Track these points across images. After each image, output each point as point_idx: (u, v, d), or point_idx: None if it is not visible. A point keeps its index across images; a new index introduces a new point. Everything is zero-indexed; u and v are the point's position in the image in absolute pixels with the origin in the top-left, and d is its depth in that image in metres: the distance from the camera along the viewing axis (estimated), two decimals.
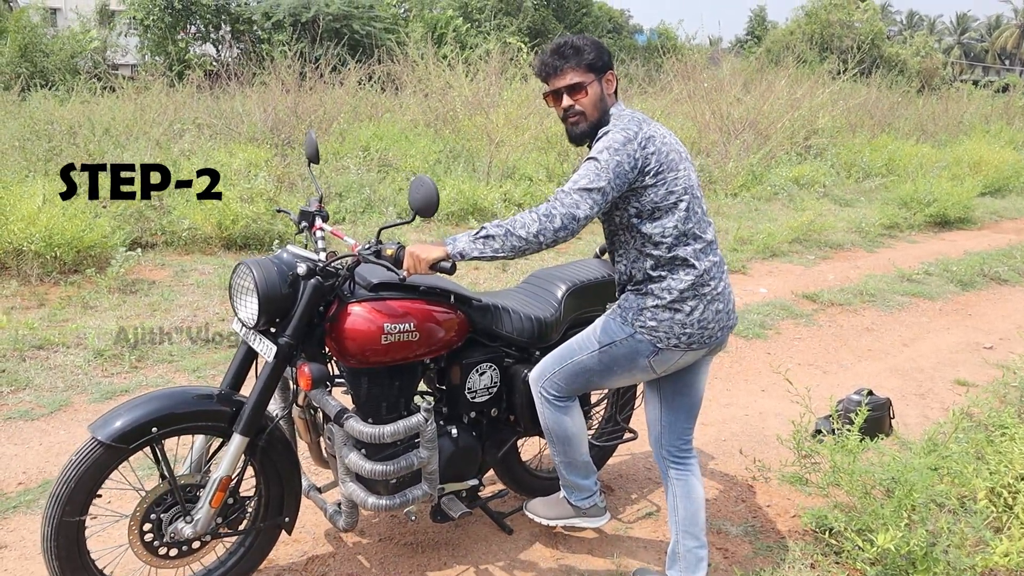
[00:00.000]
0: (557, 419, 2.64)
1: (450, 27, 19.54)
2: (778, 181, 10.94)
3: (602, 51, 2.43)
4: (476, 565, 2.81)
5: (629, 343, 2.45)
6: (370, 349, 2.40)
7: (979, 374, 4.94)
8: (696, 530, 2.60)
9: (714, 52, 18.94)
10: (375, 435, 2.37)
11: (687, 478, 2.61)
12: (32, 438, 3.59)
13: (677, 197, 2.34)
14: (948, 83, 28.29)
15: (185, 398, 2.39)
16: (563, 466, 2.75)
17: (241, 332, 2.46)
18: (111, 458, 2.25)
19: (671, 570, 2.63)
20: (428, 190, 2.24)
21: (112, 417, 2.26)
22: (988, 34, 64.99)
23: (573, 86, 2.39)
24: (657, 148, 2.31)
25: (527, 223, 2.17)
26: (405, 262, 2.24)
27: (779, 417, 4.13)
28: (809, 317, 5.96)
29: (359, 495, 2.47)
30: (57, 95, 12.00)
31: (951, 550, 2.51)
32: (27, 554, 2.78)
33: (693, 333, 2.39)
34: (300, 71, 11.32)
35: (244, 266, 2.34)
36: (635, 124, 2.33)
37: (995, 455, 3.08)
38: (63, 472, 2.22)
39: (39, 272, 5.56)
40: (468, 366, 2.72)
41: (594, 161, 2.25)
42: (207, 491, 2.38)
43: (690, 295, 2.37)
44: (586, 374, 2.56)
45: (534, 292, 3.01)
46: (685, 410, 2.60)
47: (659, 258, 2.37)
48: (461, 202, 8.13)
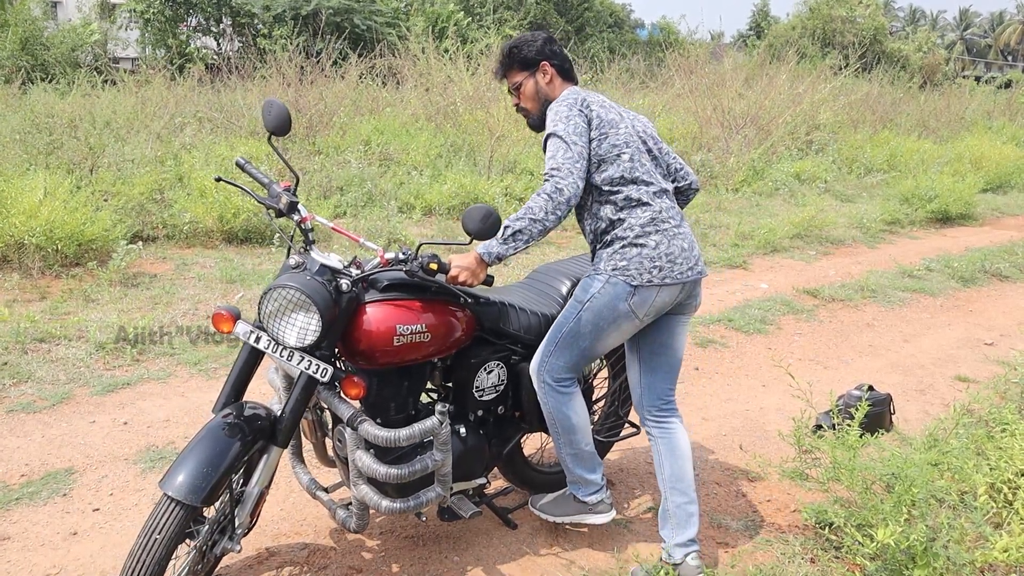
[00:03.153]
0: (560, 407, 2.66)
1: (451, 21, 19.51)
2: (779, 176, 10.93)
3: (531, 46, 2.64)
4: (477, 559, 2.82)
5: (606, 290, 2.55)
6: (382, 351, 2.37)
7: (980, 370, 4.95)
8: (683, 486, 2.68)
9: (716, 47, 18.90)
10: (391, 439, 2.34)
11: (670, 436, 2.71)
12: (34, 430, 3.60)
13: (620, 150, 2.55)
14: (950, 79, 28.24)
15: (241, 432, 2.28)
16: (569, 459, 2.76)
17: (270, 351, 2.33)
18: (192, 515, 2.19)
19: (663, 530, 2.70)
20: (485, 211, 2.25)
21: (190, 476, 2.15)
22: (991, 30, 64.84)
23: (514, 87, 2.71)
24: (596, 110, 2.56)
25: (543, 205, 2.36)
26: (460, 277, 2.36)
27: (780, 412, 4.13)
28: (810, 313, 5.96)
29: (372, 498, 2.43)
30: (58, 88, 11.98)
31: (951, 545, 2.51)
32: (30, 545, 2.78)
33: (663, 266, 2.52)
34: (301, 65, 11.30)
35: (288, 289, 2.21)
36: (573, 95, 2.58)
37: (995, 451, 3.09)
38: (144, 537, 2.12)
39: (40, 265, 5.56)
40: (476, 364, 2.70)
41: (554, 136, 2.47)
42: (246, 505, 2.38)
43: (651, 230, 2.53)
44: (578, 342, 2.61)
45: (538, 288, 3.01)
46: (664, 371, 2.71)
47: (614, 202, 2.55)
48: (462, 196, 8.12)
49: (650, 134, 2.69)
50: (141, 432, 3.64)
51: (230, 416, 2.31)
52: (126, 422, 3.72)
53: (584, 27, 25.55)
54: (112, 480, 3.23)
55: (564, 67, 2.70)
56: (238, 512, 2.37)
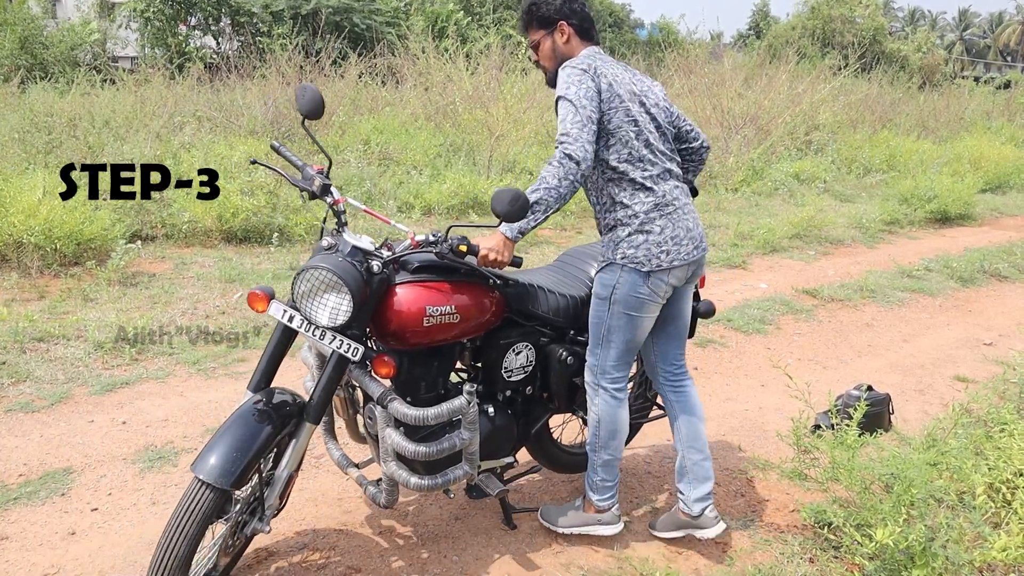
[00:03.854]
0: (614, 414, 2.75)
1: (451, 21, 19.49)
2: (779, 176, 10.93)
3: (550, 4, 2.64)
4: (476, 559, 2.82)
5: (622, 279, 2.61)
6: (412, 331, 2.43)
7: (979, 370, 4.95)
8: (699, 444, 2.84)
9: (715, 47, 18.90)
10: (419, 418, 2.40)
11: (684, 398, 2.86)
12: (33, 430, 3.60)
13: (628, 127, 2.55)
14: (949, 79, 28.25)
15: (270, 417, 2.34)
16: (602, 465, 2.83)
17: (303, 330, 2.38)
18: (222, 497, 2.23)
19: (680, 484, 2.87)
20: (513, 193, 2.29)
21: (221, 460, 2.20)
22: (990, 30, 64.87)
23: (532, 44, 2.72)
24: (609, 81, 2.54)
25: (555, 173, 2.39)
26: (490, 256, 2.41)
27: (779, 412, 4.13)
28: (809, 312, 5.96)
29: (401, 475, 2.49)
30: (57, 87, 11.98)
31: (950, 545, 2.51)
32: (28, 545, 2.78)
33: (669, 250, 2.59)
34: (300, 64, 11.30)
35: (320, 270, 2.27)
36: (589, 59, 2.57)
37: (994, 451, 3.09)
38: (176, 519, 2.17)
39: (39, 264, 5.56)
40: (505, 345, 2.76)
41: (564, 100, 2.48)
42: (276, 487, 2.44)
43: (656, 215, 2.58)
44: (621, 338, 2.68)
45: (567, 271, 3.05)
46: (675, 337, 2.86)
47: (618, 183, 2.59)
48: (461, 196, 8.12)
49: (662, 106, 2.70)
50: (140, 432, 3.63)
51: (260, 402, 2.38)
52: (125, 422, 3.72)
53: None
54: (111, 480, 3.23)
55: (583, 27, 2.67)
56: (267, 494, 2.43)
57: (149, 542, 2.80)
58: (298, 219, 6.84)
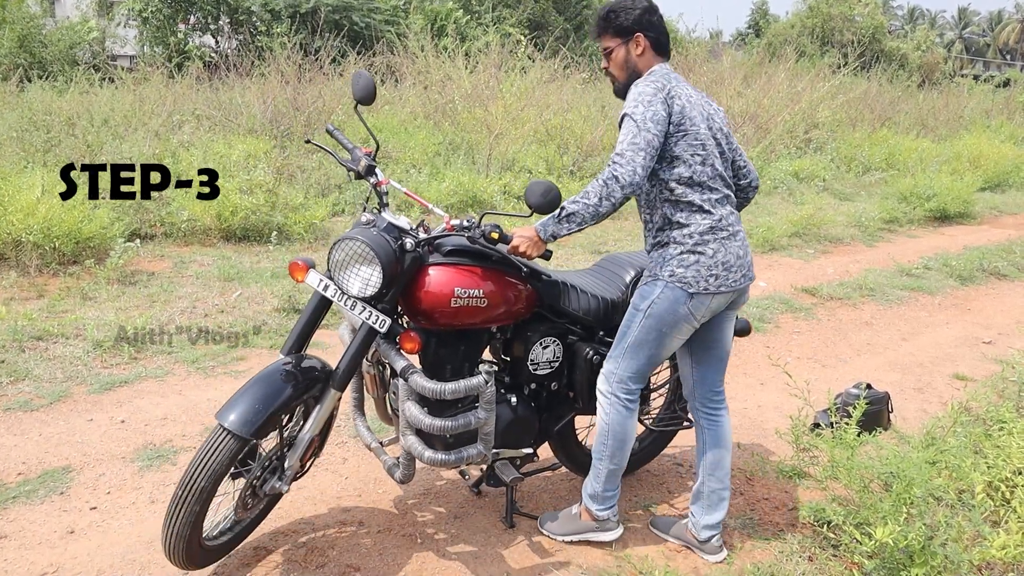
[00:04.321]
0: (624, 422, 2.72)
1: (450, 19, 19.47)
2: (778, 175, 10.93)
3: (629, 13, 2.58)
4: (475, 557, 2.82)
5: (665, 294, 2.58)
6: (439, 311, 2.50)
7: (978, 369, 4.95)
8: (721, 474, 2.81)
9: (714, 46, 18.89)
10: (437, 391, 2.46)
11: (717, 426, 2.83)
12: (31, 429, 3.59)
13: (695, 150, 2.52)
14: (949, 78, 28.24)
15: (296, 377, 2.46)
16: (605, 474, 2.80)
17: (336, 299, 2.50)
18: (242, 446, 2.35)
19: (693, 505, 2.87)
20: (546, 186, 2.35)
21: (244, 410, 2.32)
22: (990, 29, 64.87)
23: (606, 51, 2.64)
24: (682, 104, 2.49)
25: (597, 191, 2.39)
26: (521, 247, 2.46)
27: (778, 410, 4.13)
28: (808, 311, 5.97)
29: (417, 448, 2.55)
30: (55, 86, 11.95)
31: (949, 544, 2.51)
32: (27, 544, 2.78)
33: (719, 275, 2.56)
34: (299, 63, 11.28)
35: (355, 241, 2.37)
36: (663, 79, 2.52)
37: (993, 449, 3.09)
38: (195, 465, 2.29)
39: (38, 263, 5.55)
40: (532, 338, 2.79)
41: (629, 118, 2.43)
42: (298, 449, 2.54)
43: (710, 238, 2.55)
44: (644, 349, 2.65)
45: (604, 274, 3.08)
46: (714, 364, 2.81)
47: (675, 203, 2.56)
48: (460, 194, 8.11)
49: (725, 132, 2.68)
50: (139, 430, 3.63)
51: (289, 364, 2.50)
52: (124, 420, 3.71)
53: (583, 25, 25.49)
54: (110, 478, 3.23)
55: (660, 41, 2.62)
56: (289, 455, 2.54)
57: (148, 541, 2.80)
58: (297, 218, 6.83)
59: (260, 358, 4.48)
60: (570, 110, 11.21)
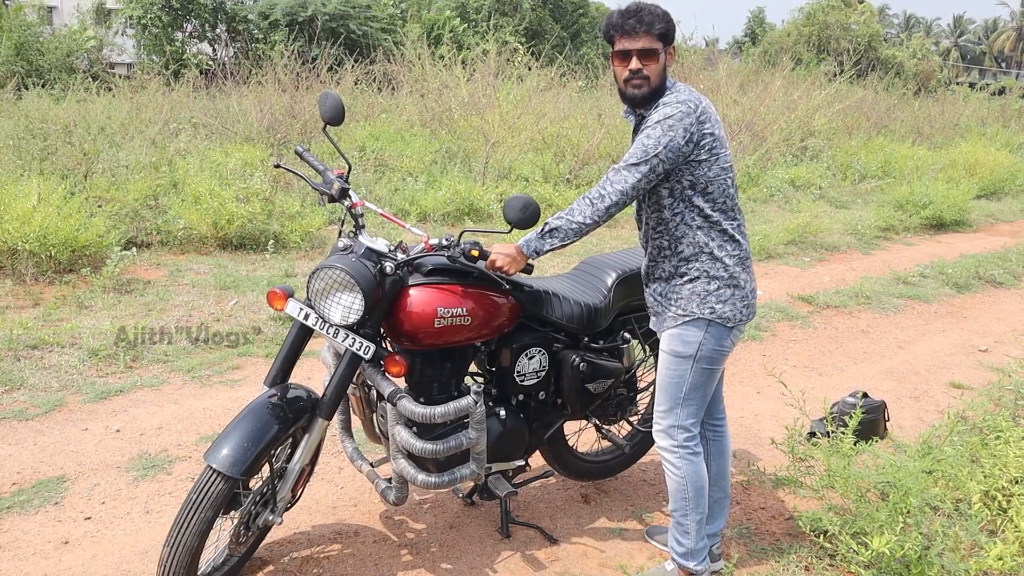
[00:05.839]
0: (698, 470, 2.63)
1: (447, 27, 19.54)
2: (774, 183, 10.95)
3: (672, 24, 2.49)
4: (471, 567, 2.81)
5: (709, 335, 2.52)
6: (423, 332, 2.49)
7: (974, 377, 4.95)
8: (723, 484, 2.83)
9: (710, 53, 18.95)
10: (426, 415, 2.46)
11: (720, 439, 2.85)
12: (26, 438, 3.58)
13: (726, 175, 2.46)
14: (944, 85, 28.34)
15: (283, 410, 2.43)
16: (695, 528, 2.67)
17: (318, 327, 2.46)
18: (233, 486, 2.32)
19: None
20: (525, 201, 2.34)
21: (233, 450, 2.29)
22: (985, 37, 65.17)
23: (646, 51, 2.42)
24: (712, 126, 2.41)
25: (583, 209, 2.36)
26: (498, 262, 2.41)
27: (774, 419, 4.13)
28: (804, 319, 5.97)
29: (409, 472, 2.55)
30: (52, 94, 11.95)
31: (946, 553, 2.51)
32: (20, 555, 2.77)
33: (750, 303, 2.57)
34: (296, 71, 11.30)
35: (334, 270, 2.34)
36: (695, 100, 2.41)
37: (989, 458, 3.09)
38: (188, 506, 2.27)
39: (34, 271, 5.54)
40: (518, 350, 2.78)
41: (644, 138, 2.36)
42: (288, 480, 2.52)
43: (740, 269, 2.53)
44: (698, 393, 2.60)
45: (585, 279, 3.06)
46: (719, 379, 2.78)
47: (708, 230, 2.48)
48: (457, 203, 8.12)
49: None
50: (134, 440, 3.62)
51: (275, 396, 2.47)
52: (119, 429, 3.70)
53: (579, 33, 25.59)
54: (104, 488, 3.21)
55: None
56: (280, 486, 2.52)
57: (143, 551, 2.79)
58: (293, 226, 6.83)
59: (256, 367, 4.48)
60: (567, 118, 11.23)
